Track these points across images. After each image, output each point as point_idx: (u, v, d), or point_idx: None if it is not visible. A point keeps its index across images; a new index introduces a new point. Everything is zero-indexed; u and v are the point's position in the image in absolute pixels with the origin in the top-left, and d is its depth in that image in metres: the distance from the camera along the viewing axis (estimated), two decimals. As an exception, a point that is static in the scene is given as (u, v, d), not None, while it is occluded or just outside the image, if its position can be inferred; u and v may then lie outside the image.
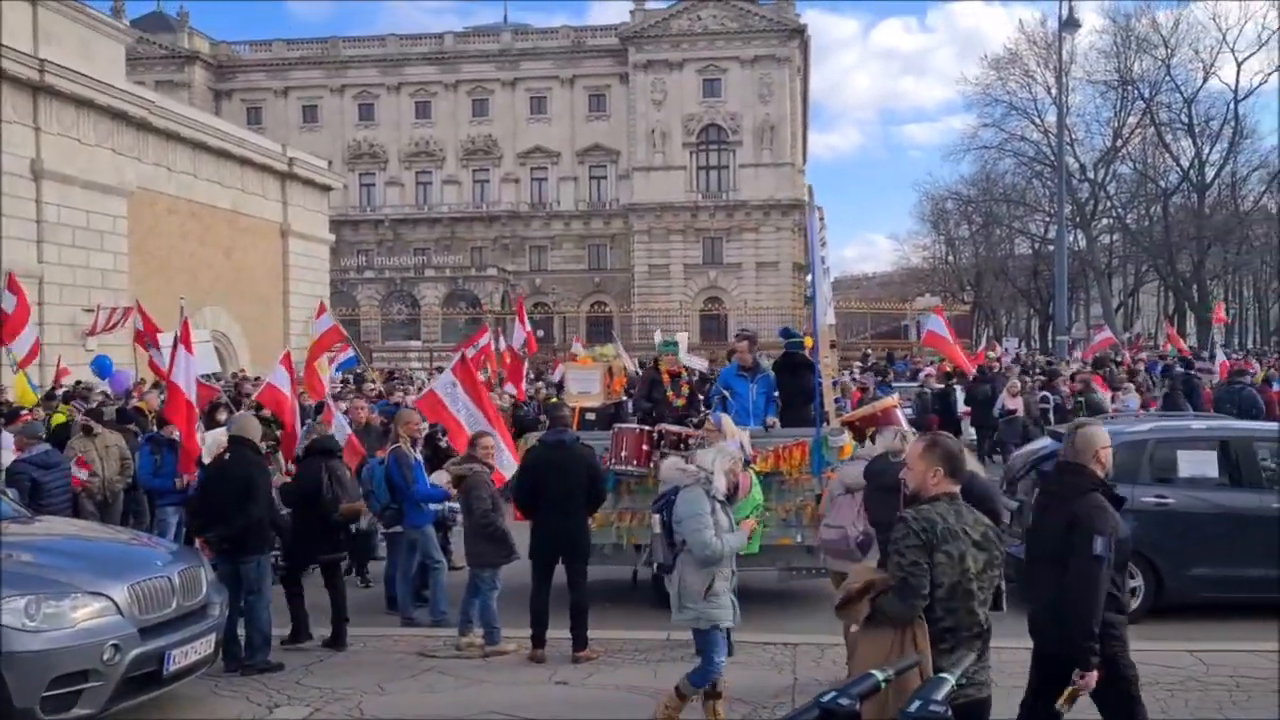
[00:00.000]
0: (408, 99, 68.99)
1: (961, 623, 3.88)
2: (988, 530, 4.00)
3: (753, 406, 9.65)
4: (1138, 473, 9.22)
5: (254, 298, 31.82)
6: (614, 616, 8.96)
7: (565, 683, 7.33)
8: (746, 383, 9.79)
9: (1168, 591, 8.95)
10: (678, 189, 64.81)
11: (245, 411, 11.02)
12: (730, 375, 10.08)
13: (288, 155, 36.26)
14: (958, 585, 3.88)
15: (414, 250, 67.00)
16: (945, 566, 3.88)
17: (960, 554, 3.89)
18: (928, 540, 3.89)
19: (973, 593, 3.89)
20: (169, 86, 60.48)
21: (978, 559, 3.91)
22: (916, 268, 75.47)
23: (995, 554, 3.97)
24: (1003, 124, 53.74)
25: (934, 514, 3.96)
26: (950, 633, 3.87)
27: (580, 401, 10.33)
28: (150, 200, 27.78)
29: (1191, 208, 51.96)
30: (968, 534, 3.92)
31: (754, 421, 9.47)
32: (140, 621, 6.28)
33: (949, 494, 4.03)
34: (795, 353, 10.49)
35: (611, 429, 9.37)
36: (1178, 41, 50.69)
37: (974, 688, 3.87)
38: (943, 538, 3.90)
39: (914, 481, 4.12)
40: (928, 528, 3.92)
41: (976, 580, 3.90)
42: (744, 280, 63.98)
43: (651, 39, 64.69)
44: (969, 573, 3.89)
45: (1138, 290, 63.27)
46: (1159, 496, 9.08)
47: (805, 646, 7.92)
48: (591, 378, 10.71)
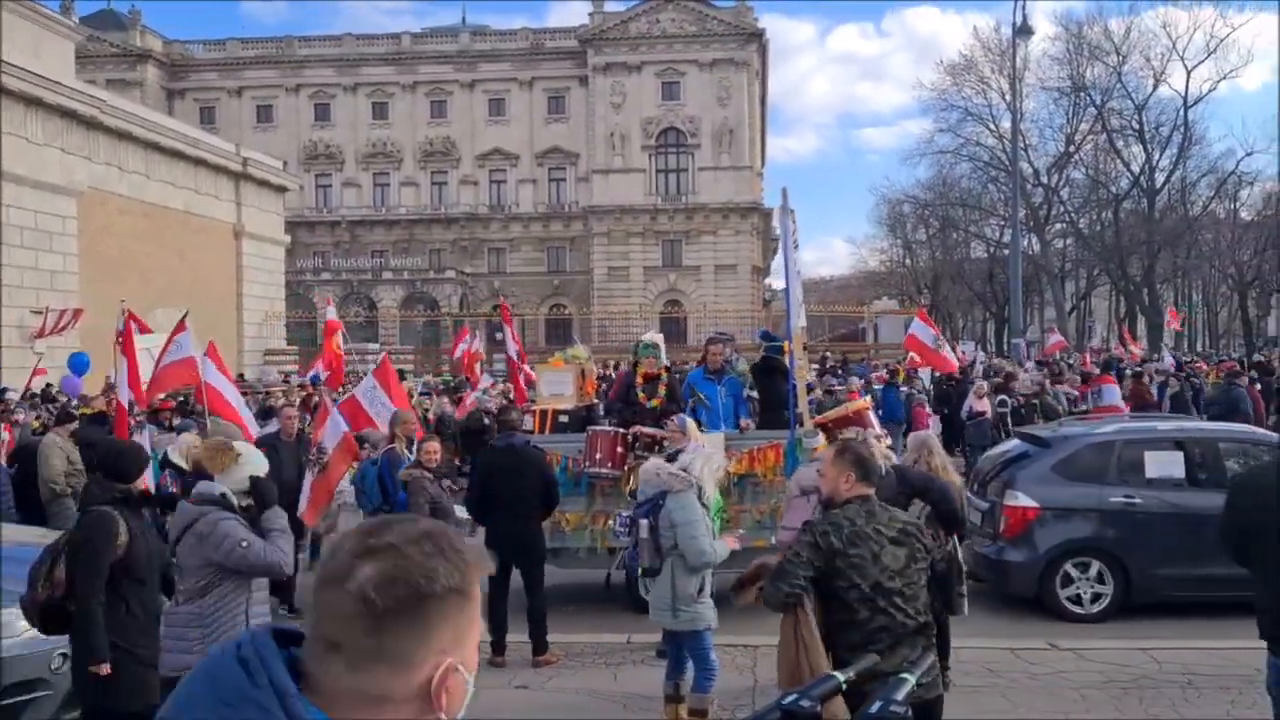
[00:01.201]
0: (364, 100, 68.44)
1: (894, 621, 3.90)
2: (906, 526, 4.05)
3: (721, 409, 9.64)
4: (1105, 473, 9.35)
5: (207, 300, 31.38)
6: (574, 620, 8.92)
7: (525, 687, 7.29)
8: (714, 386, 9.78)
9: (1136, 591, 9.06)
10: (637, 192, 64.86)
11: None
12: (698, 379, 10.07)
13: (242, 155, 35.86)
14: (878, 584, 3.92)
15: (371, 252, 66.48)
16: (862, 567, 3.93)
17: (874, 553, 3.93)
18: (828, 544, 3.96)
19: (896, 590, 3.92)
20: (120, 85, 59.51)
21: (897, 555, 3.95)
22: (874, 271, 76.14)
23: (917, 547, 4.01)
24: (958, 129, 54.43)
25: (842, 518, 4.03)
26: (885, 631, 3.89)
27: (553, 404, 10.22)
28: (101, 200, 27.34)
29: (1142, 213, 52.84)
30: (881, 533, 3.97)
31: (724, 425, 9.46)
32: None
33: (861, 496, 4.07)
34: (773, 357, 10.52)
35: (586, 431, 9.29)
36: (1129, 49, 51.63)
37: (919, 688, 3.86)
38: (850, 540, 3.95)
39: (827, 487, 4.20)
40: (831, 531, 3.99)
41: (900, 577, 3.94)
42: (703, 283, 64.14)
43: (610, 42, 64.70)
44: (888, 570, 3.93)
45: (1090, 294, 64.18)
46: (1127, 497, 9.20)
47: (766, 648, 7.89)
48: (564, 380, 10.60)
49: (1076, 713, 6.54)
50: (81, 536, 4.85)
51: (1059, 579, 9.12)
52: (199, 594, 4.91)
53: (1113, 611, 9.04)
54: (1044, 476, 9.46)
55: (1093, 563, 9.13)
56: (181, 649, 4.82)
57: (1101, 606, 9.09)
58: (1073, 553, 9.16)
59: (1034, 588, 9.14)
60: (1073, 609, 9.09)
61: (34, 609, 4.86)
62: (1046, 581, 9.12)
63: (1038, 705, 6.64)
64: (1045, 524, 9.22)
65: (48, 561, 4.86)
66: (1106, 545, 9.15)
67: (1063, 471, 9.47)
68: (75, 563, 4.79)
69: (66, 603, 4.79)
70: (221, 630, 4.81)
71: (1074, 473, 9.46)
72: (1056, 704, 6.67)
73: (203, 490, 5.07)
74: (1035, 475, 9.52)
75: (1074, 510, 9.28)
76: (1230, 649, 7.49)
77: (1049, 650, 7.78)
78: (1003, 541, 9.32)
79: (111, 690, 4.77)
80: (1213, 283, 61.90)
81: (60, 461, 11.11)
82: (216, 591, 4.90)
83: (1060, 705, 6.64)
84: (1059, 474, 9.45)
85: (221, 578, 4.89)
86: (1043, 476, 9.47)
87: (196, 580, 4.92)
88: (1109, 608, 9.07)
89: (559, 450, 9.32)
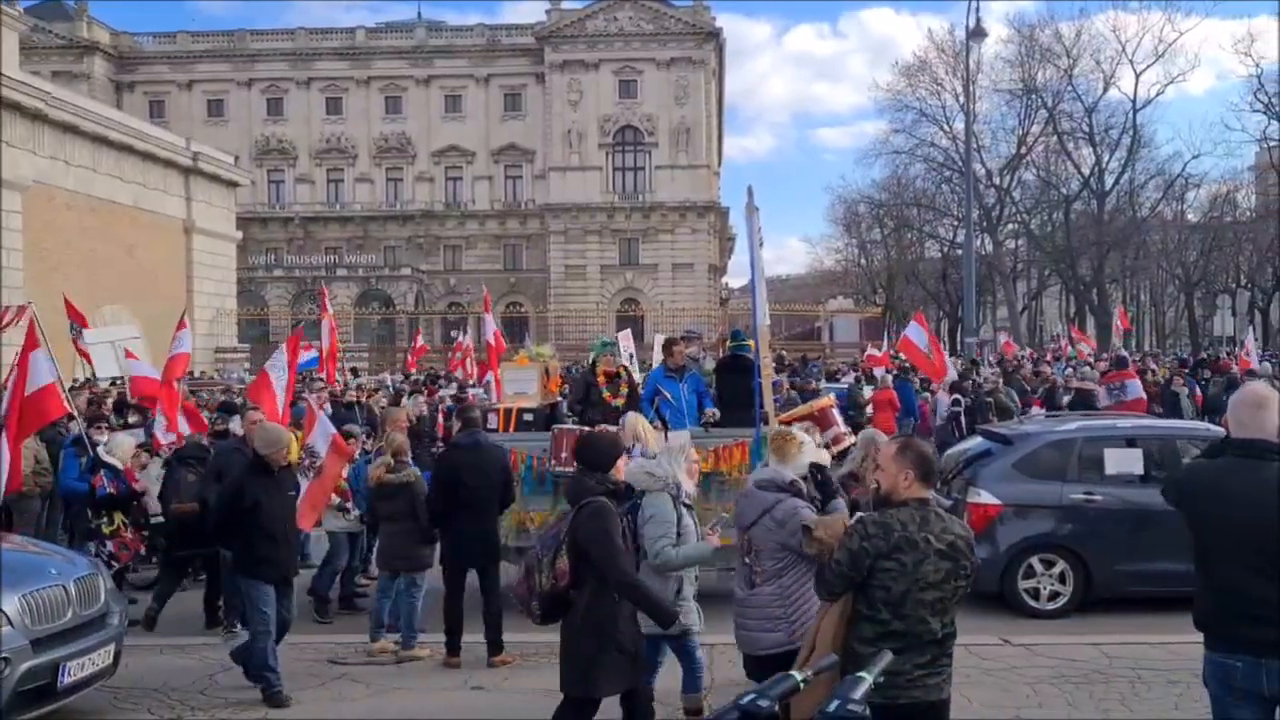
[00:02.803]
0: (318, 94, 67.66)
1: (912, 629, 3.87)
2: (957, 540, 3.93)
3: (686, 406, 9.64)
4: (1066, 471, 9.46)
5: (157, 296, 30.88)
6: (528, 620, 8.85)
7: (481, 688, 7.22)
8: (676, 383, 9.78)
9: (1096, 586, 9.16)
10: (594, 190, 64.76)
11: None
12: (659, 377, 10.06)
13: (192, 150, 35.36)
14: (908, 593, 3.86)
15: (325, 249, 65.73)
16: (895, 573, 3.87)
17: (916, 563, 3.86)
18: (874, 548, 3.89)
19: (926, 602, 3.87)
20: (67, 78, 58.38)
21: (939, 568, 3.88)
22: (829, 270, 76.62)
23: (963, 564, 3.92)
24: (913, 130, 55.01)
25: (895, 521, 3.94)
26: (899, 636, 3.85)
27: (517, 402, 10.11)
28: (47, 195, 26.81)
29: (1092, 214, 53.72)
30: (930, 543, 3.88)
31: (688, 421, 9.46)
32: (33, 633, 6.01)
33: (919, 499, 3.98)
34: (741, 355, 10.52)
35: (550, 430, 9.23)
36: (1079, 52, 52.52)
37: (920, 690, 3.87)
38: (895, 546, 3.88)
39: (886, 483, 4.09)
40: (880, 534, 3.91)
41: (935, 589, 3.87)
42: (660, 281, 64.18)
43: (568, 39, 64.53)
44: (922, 581, 3.86)
45: (1041, 293, 65.11)
46: (1087, 494, 9.29)
47: (722, 647, 7.90)
48: (528, 378, 10.49)
49: (1028, 707, 6.61)
50: (594, 527, 5.03)
51: (1020, 575, 9.21)
52: (777, 575, 5.30)
53: (1073, 607, 9.14)
54: (1006, 474, 9.54)
55: (1054, 559, 9.22)
56: (766, 628, 5.30)
57: (1062, 602, 9.19)
58: (1034, 549, 9.24)
59: (996, 584, 9.20)
60: (1034, 604, 9.18)
61: (530, 598, 5.14)
62: (1008, 578, 9.18)
63: (990, 700, 6.70)
64: (1007, 521, 9.30)
65: (550, 552, 5.07)
66: (1067, 542, 9.24)
67: (1024, 469, 9.55)
68: (588, 552, 5.01)
69: (569, 592, 5.06)
70: (802, 609, 5.16)
71: (1035, 470, 9.56)
72: (1009, 698, 6.73)
73: (774, 477, 5.46)
74: (997, 473, 9.59)
75: (1035, 507, 9.37)
76: (1178, 643, 7.59)
77: (1001, 646, 7.86)
78: None
79: (594, 678, 5.04)
80: (1160, 283, 63.07)
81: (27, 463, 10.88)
82: (793, 573, 5.26)
83: (1013, 699, 6.71)
84: (1021, 471, 9.53)
85: (796, 560, 5.23)
86: (1005, 474, 9.54)
87: (774, 563, 5.31)
88: (1069, 603, 9.18)
89: (524, 449, 9.25)
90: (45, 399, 9.79)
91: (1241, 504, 3.94)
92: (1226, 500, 3.99)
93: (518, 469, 9.16)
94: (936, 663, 3.88)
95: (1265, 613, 3.83)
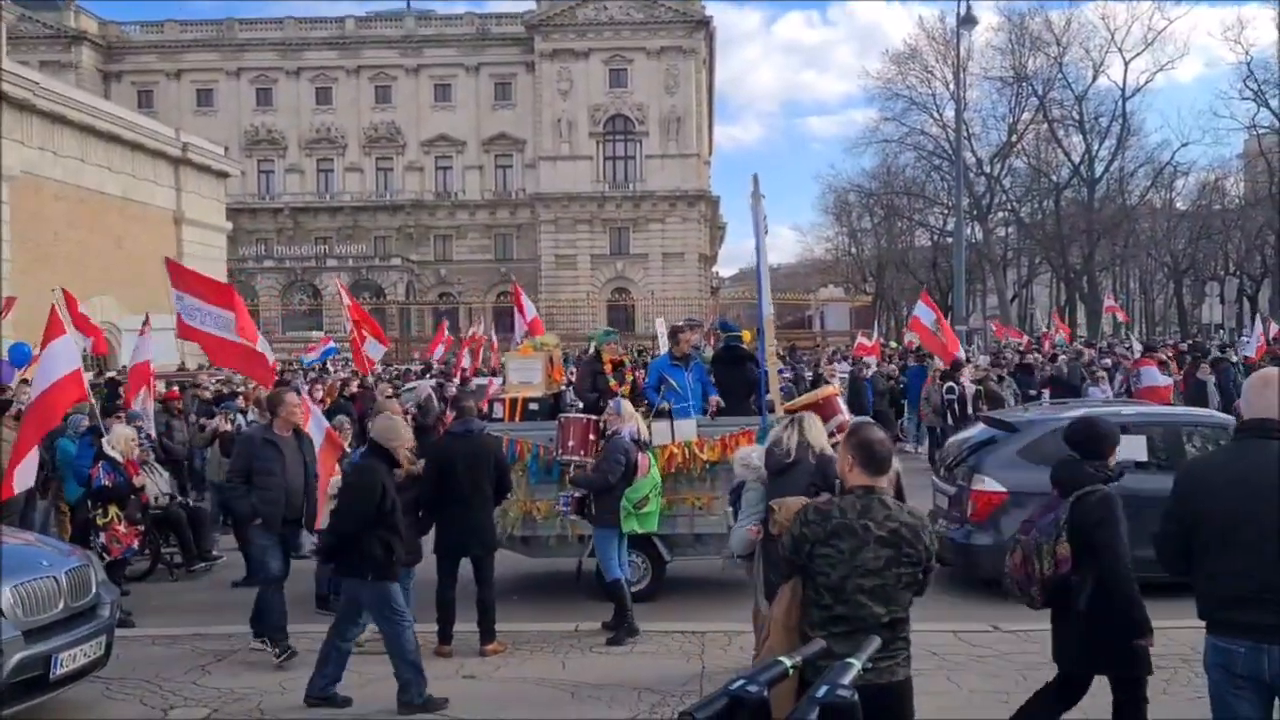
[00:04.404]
0: (307, 84, 67.43)
1: (855, 614, 3.88)
2: (901, 527, 3.92)
3: (691, 395, 9.66)
4: None
5: (146, 288, 30.72)
6: (521, 609, 8.89)
7: (473, 676, 7.24)
8: (682, 372, 9.78)
9: None
10: (584, 179, 64.67)
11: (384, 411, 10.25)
12: (665, 365, 10.04)
13: (181, 140, 35.20)
14: (847, 579, 3.88)
15: (315, 239, 65.59)
16: (833, 559, 3.90)
17: (853, 550, 3.87)
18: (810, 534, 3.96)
19: (866, 588, 3.88)
20: (54, 67, 57.98)
21: (880, 555, 3.87)
22: (819, 259, 76.72)
23: (906, 552, 3.90)
24: (903, 118, 54.98)
25: (835, 508, 3.99)
26: (843, 620, 3.89)
27: (522, 391, 10.08)
28: (34, 186, 26.68)
29: (1082, 202, 53.88)
30: (869, 529, 3.89)
31: (694, 410, 9.49)
32: (25, 624, 6.01)
33: (864, 487, 3.99)
34: (735, 345, 10.55)
35: (557, 419, 9.22)
36: (1069, 40, 52.58)
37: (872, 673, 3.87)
38: (832, 532, 3.92)
39: (839, 469, 4.16)
40: (817, 521, 3.97)
41: (876, 576, 3.87)
42: (650, 270, 64.16)
43: (558, 28, 64.35)
44: (862, 568, 3.87)
45: (1031, 281, 65.24)
46: None
47: (713, 634, 7.96)
48: (533, 367, 10.45)
49: (1018, 692, 6.65)
50: (1102, 514, 4.96)
51: None
52: None
53: None
54: (1011, 461, 9.53)
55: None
56: None
57: None
58: None
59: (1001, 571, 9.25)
60: None
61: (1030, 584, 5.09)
62: None
63: (981, 686, 6.74)
64: (1012, 508, 9.33)
65: (1050, 538, 4.99)
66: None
67: (1029, 456, 9.49)
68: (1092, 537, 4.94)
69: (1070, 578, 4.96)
70: None
71: (1041, 457, 9.50)
72: (999, 684, 6.77)
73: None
74: (1002, 460, 9.59)
75: (1040, 494, 9.36)
76: (1166, 628, 7.63)
77: (992, 632, 7.90)
78: (970, 525, 9.39)
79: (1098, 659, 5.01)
80: (1149, 271, 63.26)
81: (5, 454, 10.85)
82: None
83: (1002, 685, 6.75)
84: (1026, 458, 9.49)
85: None
86: (1010, 461, 9.53)
87: None
88: None
89: (530, 438, 9.25)
90: (66, 386, 9.70)
91: (1244, 485, 3.97)
92: (1231, 482, 4.02)
93: (524, 458, 9.19)
94: (889, 647, 3.84)
95: (1268, 596, 3.85)
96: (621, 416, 8.22)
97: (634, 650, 7.69)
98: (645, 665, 7.30)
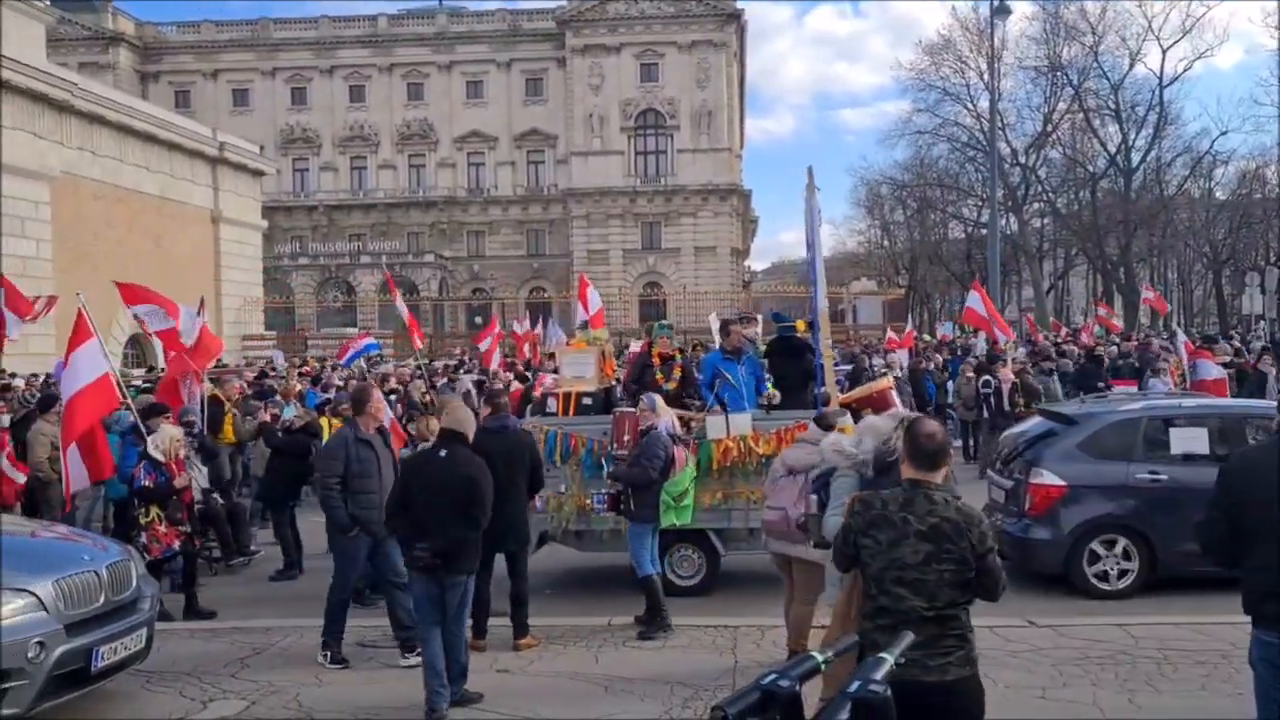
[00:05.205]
0: (341, 82, 67.91)
1: (896, 606, 3.86)
2: (943, 523, 3.86)
3: (744, 388, 9.64)
4: (1132, 450, 9.38)
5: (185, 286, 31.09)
6: (555, 603, 8.93)
7: (507, 670, 7.28)
8: (735, 365, 9.74)
9: (1162, 567, 9.04)
10: (616, 174, 64.67)
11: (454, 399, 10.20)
12: (718, 360, 9.98)
13: (218, 139, 35.55)
14: (886, 571, 3.88)
15: (349, 236, 66.08)
16: (872, 550, 3.92)
17: (891, 542, 3.86)
18: (856, 524, 4.01)
19: (906, 581, 3.85)
20: (93, 69, 58.82)
21: (919, 550, 3.84)
22: (852, 252, 76.23)
23: (947, 548, 3.83)
24: (937, 109, 54.55)
25: (877, 499, 4.03)
26: (885, 611, 3.88)
27: (575, 386, 10.09)
28: (74, 185, 27.06)
29: (1118, 192, 53.15)
30: (909, 523, 3.87)
31: (748, 404, 9.47)
32: (67, 618, 6.11)
33: (911, 480, 3.98)
34: (790, 336, 10.51)
35: (611, 413, 9.21)
36: (1105, 29, 51.83)
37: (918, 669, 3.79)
38: (872, 522, 3.93)
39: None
40: (862, 510, 4.02)
41: (915, 570, 3.83)
42: (683, 265, 64.08)
43: (589, 23, 64.36)
44: (900, 562, 3.85)
45: (1067, 273, 64.52)
46: (1152, 473, 9.20)
47: (746, 629, 7.96)
48: (586, 361, 10.46)
49: (1053, 688, 6.60)
50: None
51: (1085, 556, 9.12)
52: None
53: (1138, 587, 9.05)
54: (1070, 454, 9.46)
55: (1119, 539, 9.12)
56: None
57: (1128, 583, 9.10)
58: (1099, 529, 9.15)
59: (1060, 565, 9.15)
60: (1099, 585, 9.10)
61: None
62: (1073, 559, 9.12)
63: (1015, 681, 6.69)
64: (1071, 501, 9.21)
65: None
66: (1132, 522, 9.14)
67: (1088, 449, 9.46)
68: None
69: None
70: None
71: (1100, 450, 9.45)
72: (1033, 679, 6.72)
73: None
74: (1061, 453, 9.51)
75: (1100, 487, 9.28)
76: (1206, 624, 7.58)
77: (1027, 627, 7.84)
78: (1028, 519, 9.31)
79: None
80: (1187, 261, 62.37)
81: (44, 449, 11.02)
82: None
83: (1037, 680, 6.70)
84: (1085, 451, 9.44)
85: None
86: (1068, 454, 9.46)
87: None
88: (1135, 584, 9.08)
89: (584, 433, 9.26)
90: (94, 393, 9.73)
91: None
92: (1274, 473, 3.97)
93: (578, 453, 9.19)
94: (939, 643, 3.79)
95: None
96: (656, 411, 8.23)
97: (667, 645, 7.71)
98: (678, 659, 7.31)
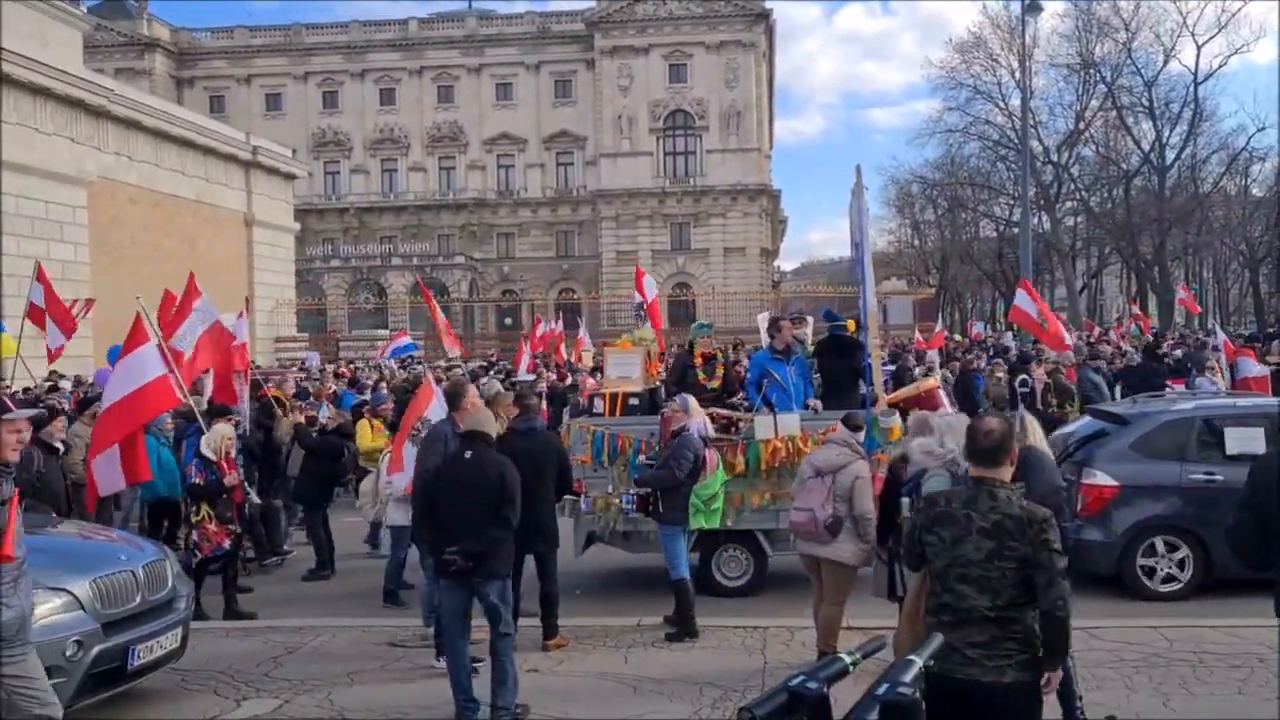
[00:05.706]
0: (372, 86, 68.41)
1: (959, 604, 3.84)
2: (1005, 520, 3.83)
3: (792, 389, 9.61)
4: (1185, 450, 9.26)
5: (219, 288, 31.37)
6: (584, 604, 8.95)
7: (536, 670, 7.31)
8: (783, 365, 9.71)
9: (1216, 568, 8.88)
10: (645, 175, 64.71)
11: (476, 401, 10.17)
12: (766, 359, 9.96)
13: (251, 144, 35.91)
14: (949, 568, 3.89)
15: (380, 238, 66.52)
16: (936, 548, 3.95)
17: (954, 539, 3.87)
18: (920, 521, 4.07)
19: (970, 578, 3.84)
20: (129, 74, 59.61)
21: (981, 547, 3.82)
22: (882, 252, 75.62)
23: (1010, 545, 3.81)
24: (967, 108, 54.15)
25: (940, 497, 4.09)
26: (950, 610, 3.87)
27: (621, 386, 10.10)
28: (111, 190, 27.42)
29: (1152, 190, 52.55)
30: (972, 519, 3.86)
31: (795, 404, 9.44)
32: (103, 617, 6.20)
33: (975, 479, 3.98)
34: (841, 334, 10.50)
35: (659, 414, 9.17)
36: (1138, 25, 51.24)
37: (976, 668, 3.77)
38: (935, 519, 3.97)
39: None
40: (925, 507, 4.08)
41: (978, 568, 3.82)
42: (712, 266, 64.03)
43: (617, 25, 64.45)
44: (963, 559, 3.85)
45: (1101, 272, 63.90)
46: (1207, 474, 9.06)
47: (775, 629, 7.95)
48: (632, 362, 10.46)
49: (1087, 690, 6.54)
50: None
51: (1138, 557, 9.03)
52: None
53: (1193, 589, 8.94)
54: (1122, 454, 9.35)
55: (1173, 540, 9.03)
56: None
57: (1182, 584, 8.99)
58: (1152, 530, 9.06)
59: (1113, 566, 9.06)
60: (1152, 587, 9.01)
61: None
62: (1126, 560, 9.03)
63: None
64: (1124, 502, 9.11)
65: None
66: (1187, 523, 9.02)
67: (1141, 449, 9.35)
68: None
69: None
70: None
71: (1153, 450, 9.32)
72: (1066, 683, 6.67)
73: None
74: (1113, 453, 9.40)
75: (1153, 488, 9.19)
76: (1242, 627, 7.48)
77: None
78: (1080, 520, 9.18)
79: None
80: (1223, 259, 61.59)
81: (81, 452, 11.13)
82: None
83: (1070, 683, 6.64)
84: (1138, 451, 9.33)
85: None
86: (1121, 454, 9.35)
87: None
88: (1189, 586, 8.98)
89: (631, 433, 9.23)
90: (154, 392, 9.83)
91: None
92: None
93: (625, 453, 9.15)
94: (999, 644, 3.78)
95: None
96: (688, 413, 8.20)
97: (696, 645, 7.71)
98: (707, 660, 7.32)
